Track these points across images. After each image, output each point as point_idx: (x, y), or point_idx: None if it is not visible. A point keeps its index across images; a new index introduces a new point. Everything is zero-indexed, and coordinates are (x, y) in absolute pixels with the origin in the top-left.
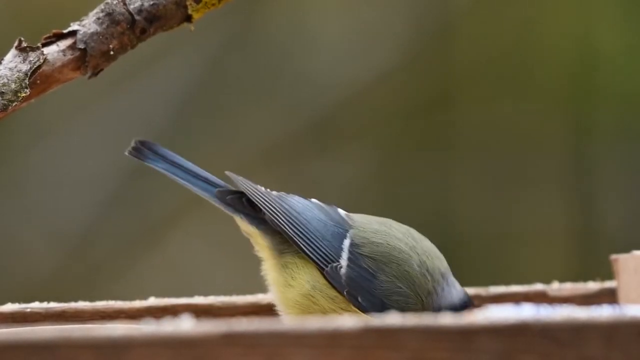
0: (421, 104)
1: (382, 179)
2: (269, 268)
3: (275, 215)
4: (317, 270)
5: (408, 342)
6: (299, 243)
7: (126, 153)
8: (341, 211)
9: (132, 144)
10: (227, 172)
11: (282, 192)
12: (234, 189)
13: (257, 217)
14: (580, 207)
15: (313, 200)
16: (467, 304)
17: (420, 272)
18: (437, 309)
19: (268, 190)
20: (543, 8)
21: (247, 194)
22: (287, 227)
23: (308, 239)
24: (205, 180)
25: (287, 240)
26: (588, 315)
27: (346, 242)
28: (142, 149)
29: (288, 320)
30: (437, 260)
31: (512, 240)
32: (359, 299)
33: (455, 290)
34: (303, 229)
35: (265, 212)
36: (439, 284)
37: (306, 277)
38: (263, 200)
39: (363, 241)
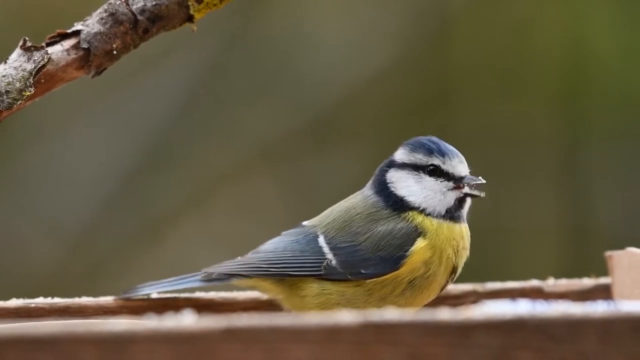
0: (419, 103)
1: None
2: (284, 299)
3: (257, 269)
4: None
5: (406, 337)
6: (288, 273)
7: (117, 297)
8: (305, 222)
9: (123, 293)
10: (204, 269)
11: (258, 246)
12: (214, 270)
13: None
14: (573, 205)
15: (282, 233)
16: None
17: (365, 205)
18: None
19: (243, 256)
20: (538, 10)
21: (221, 271)
22: (268, 270)
23: (290, 264)
24: (188, 277)
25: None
26: (583, 311)
27: (321, 240)
28: (131, 290)
29: (289, 316)
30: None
31: (509, 237)
32: (362, 271)
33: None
34: (283, 261)
35: (249, 274)
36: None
37: (310, 281)
38: (237, 266)
39: (327, 228)
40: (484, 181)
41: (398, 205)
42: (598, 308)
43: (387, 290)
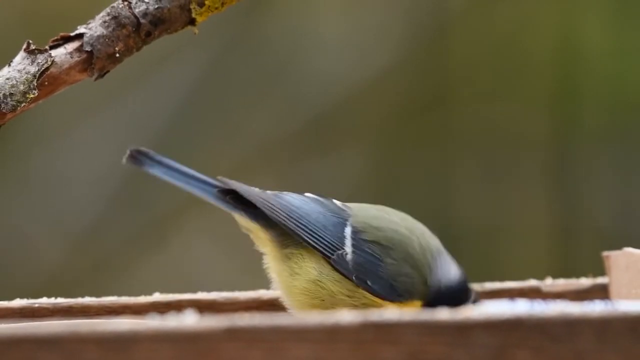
0: (418, 105)
1: (379, 177)
2: (273, 260)
3: (274, 211)
4: (322, 259)
5: (406, 337)
6: (302, 235)
7: (123, 161)
8: (337, 202)
9: (128, 152)
10: (219, 178)
11: (276, 191)
12: (232, 188)
13: (256, 213)
14: (567, 205)
15: (308, 194)
16: (466, 283)
17: (421, 252)
18: (438, 287)
19: (262, 190)
20: (534, 11)
21: (242, 193)
22: (287, 221)
23: (310, 230)
24: (204, 182)
25: (288, 233)
26: (581, 311)
27: (347, 230)
28: (138, 157)
29: (293, 309)
30: (432, 239)
31: (503, 237)
32: (369, 282)
33: (454, 269)
34: (303, 221)
35: (264, 208)
36: (437, 261)
37: (312, 264)
38: (259, 198)
39: (364, 227)
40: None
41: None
42: (595, 308)
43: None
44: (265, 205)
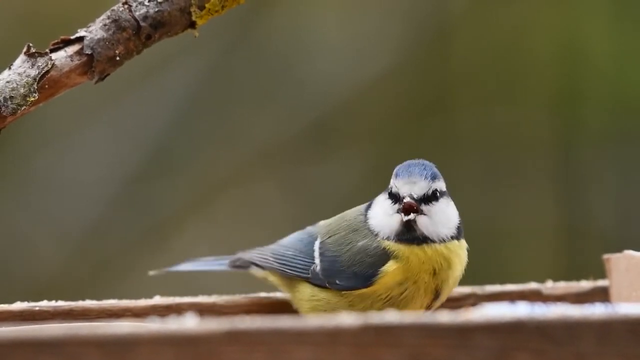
0: (419, 108)
1: (380, 181)
2: (288, 293)
3: (266, 259)
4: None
5: (406, 339)
6: (283, 270)
7: (153, 272)
8: (321, 222)
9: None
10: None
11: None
12: (241, 256)
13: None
14: (570, 207)
15: (308, 228)
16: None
17: (361, 220)
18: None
19: (268, 246)
20: (536, 13)
21: (243, 257)
22: (273, 263)
23: (288, 262)
24: (220, 260)
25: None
26: (581, 313)
27: (316, 244)
28: (173, 265)
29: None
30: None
31: (506, 240)
32: (337, 282)
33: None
34: (283, 258)
35: (258, 262)
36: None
37: (304, 283)
38: (255, 255)
39: (324, 233)
40: (410, 200)
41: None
42: (596, 310)
43: (366, 305)
44: (259, 259)
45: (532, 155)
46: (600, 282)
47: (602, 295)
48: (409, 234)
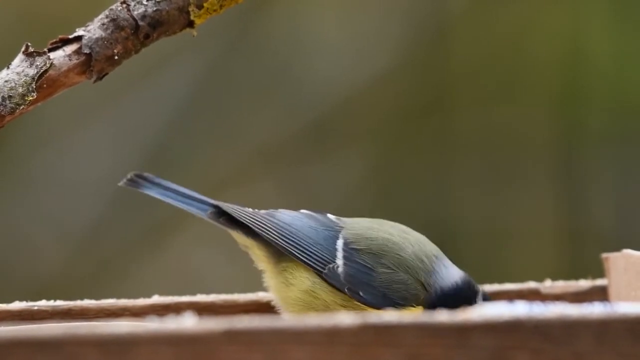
0: (418, 108)
1: (379, 181)
2: (269, 276)
3: (265, 230)
4: (315, 273)
5: (405, 339)
6: (293, 252)
7: (121, 183)
8: (331, 216)
9: (128, 176)
10: (215, 203)
11: (271, 209)
12: (225, 209)
13: (252, 231)
14: (570, 207)
15: (303, 211)
16: (470, 282)
17: (416, 256)
18: (439, 289)
19: (256, 210)
20: (536, 13)
21: (234, 215)
22: (278, 239)
23: (301, 246)
24: (200, 201)
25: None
26: (580, 313)
27: (339, 242)
28: (137, 180)
29: (289, 318)
30: (429, 245)
31: (506, 240)
32: (361, 293)
33: (455, 270)
34: (294, 238)
35: (255, 228)
36: (436, 265)
37: (305, 275)
38: (252, 219)
39: (356, 238)
40: None
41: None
42: (594, 309)
43: None
44: (256, 225)
45: (532, 155)
46: (599, 281)
47: (600, 294)
48: None
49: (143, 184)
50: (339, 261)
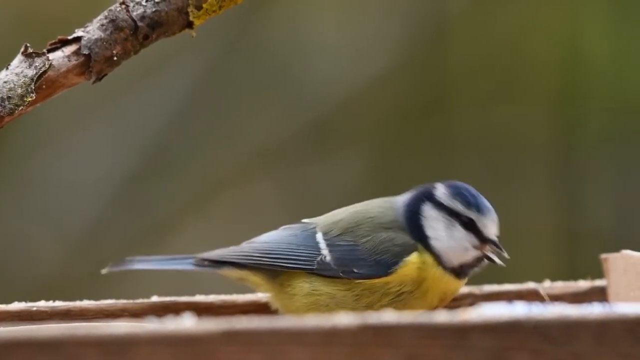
0: (417, 108)
1: (378, 181)
2: (273, 297)
3: (247, 256)
4: (309, 274)
5: (404, 339)
6: (280, 263)
7: (104, 271)
8: (305, 220)
9: (110, 265)
10: (194, 255)
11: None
12: (206, 256)
13: (238, 264)
14: (568, 208)
15: (282, 227)
16: (418, 191)
17: (383, 210)
18: (405, 220)
19: (237, 246)
20: (535, 13)
21: (214, 258)
22: (261, 259)
23: (284, 255)
24: (182, 258)
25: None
26: (579, 313)
27: (319, 236)
28: (119, 264)
29: (288, 318)
30: (390, 198)
31: (505, 240)
32: (355, 270)
33: (403, 196)
34: (277, 251)
35: (236, 260)
36: (395, 204)
37: (301, 280)
38: (233, 255)
39: (329, 226)
40: (507, 256)
41: (418, 238)
42: (594, 310)
43: (374, 298)
44: (239, 257)
45: (531, 155)
46: (598, 282)
47: (599, 295)
48: (470, 269)
49: (127, 263)
50: (324, 251)
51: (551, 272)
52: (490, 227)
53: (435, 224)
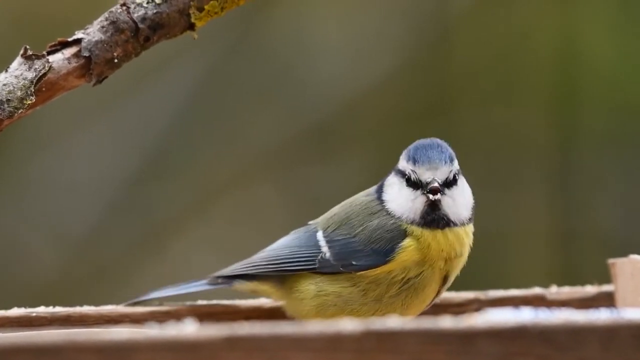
0: (420, 111)
1: None
2: (286, 305)
3: (254, 266)
4: (311, 274)
5: (408, 345)
6: (284, 268)
7: (124, 305)
8: (312, 221)
9: (128, 302)
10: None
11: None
12: (218, 273)
13: (248, 275)
14: (570, 209)
15: (293, 232)
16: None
17: (368, 199)
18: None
19: (252, 256)
20: (536, 14)
21: (224, 274)
22: (266, 267)
23: (287, 259)
24: (194, 281)
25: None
26: (586, 319)
27: (319, 234)
28: (138, 296)
29: (291, 324)
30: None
31: (508, 243)
32: (353, 262)
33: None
34: (280, 256)
35: (245, 271)
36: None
37: (307, 283)
38: (239, 267)
39: (326, 223)
40: (436, 185)
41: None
42: (601, 315)
43: (381, 290)
44: (246, 269)
45: (533, 157)
46: (605, 287)
47: (607, 300)
48: (433, 213)
49: (143, 295)
50: (324, 248)
51: (555, 276)
52: (425, 173)
53: (390, 190)
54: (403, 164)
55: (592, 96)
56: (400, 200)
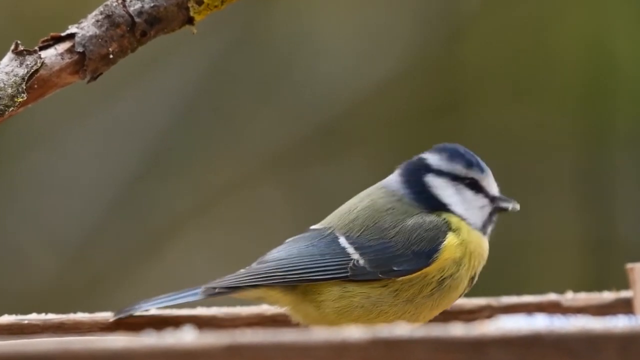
0: (428, 110)
1: None
2: (293, 307)
3: (269, 277)
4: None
5: (416, 354)
6: (311, 277)
7: (113, 318)
8: (314, 226)
9: (116, 313)
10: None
11: (259, 258)
12: (215, 284)
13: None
14: (594, 215)
15: (286, 241)
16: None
17: (392, 196)
18: (412, 197)
19: (245, 268)
20: (555, 10)
21: (225, 285)
22: (287, 276)
23: (312, 268)
24: (189, 290)
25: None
26: (603, 326)
27: (342, 240)
28: (127, 309)
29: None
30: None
31: (525, 249)
32: (394, 268)
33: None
34: (300, 265)
35: (255, 282)
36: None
37: (329, 286)
38: (244, 278)
39: (349, 227)
40: (517, 207)
41: (437, 209)
42: (618, 323)
43: (415, 291)
44: (253, 280)
45: (554, 159)
46: (624, 293)
47: (625, 307)
48: (489, 225)
49: (133, 307)
50: (355, 255)
51: (574, 283)
52: (492, 184)
53: (446, 192)
54: (457, 167)
55: (620, 96)
56: (466, 205)
